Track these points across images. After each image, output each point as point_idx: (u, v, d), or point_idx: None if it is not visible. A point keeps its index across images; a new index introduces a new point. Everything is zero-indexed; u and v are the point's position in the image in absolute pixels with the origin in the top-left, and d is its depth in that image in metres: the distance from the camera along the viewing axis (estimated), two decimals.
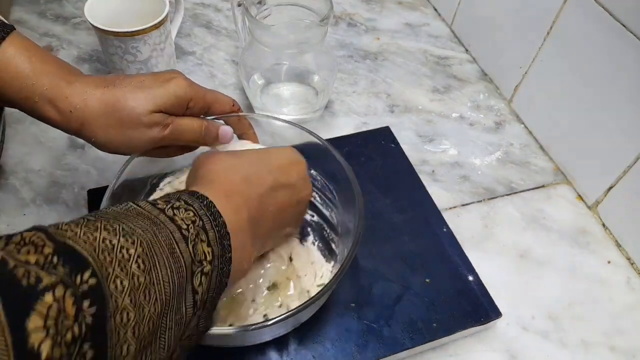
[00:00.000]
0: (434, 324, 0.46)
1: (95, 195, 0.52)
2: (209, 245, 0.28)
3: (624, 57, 0.50)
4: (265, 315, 0.42)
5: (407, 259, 0.50)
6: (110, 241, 0.24)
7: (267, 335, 0.41)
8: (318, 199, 0.50)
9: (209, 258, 0.28)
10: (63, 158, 0.58)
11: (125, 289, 0.23)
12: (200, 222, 0.29)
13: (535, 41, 0.61)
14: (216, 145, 0.44)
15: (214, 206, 0.31)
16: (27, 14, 0.74)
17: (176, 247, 0.27)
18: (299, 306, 0.36)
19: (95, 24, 0.57)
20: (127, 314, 0.23)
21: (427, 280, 0.49)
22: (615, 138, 0.53)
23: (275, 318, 0.35)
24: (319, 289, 0.38)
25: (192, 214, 0.29)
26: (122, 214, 0.27)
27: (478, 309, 0.47)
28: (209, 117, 0.43)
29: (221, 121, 0.44)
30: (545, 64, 0.61)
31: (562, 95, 0.59)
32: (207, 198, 0.31)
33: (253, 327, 0.35)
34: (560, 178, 0.61)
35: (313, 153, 0.46)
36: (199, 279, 0.28)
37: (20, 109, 0.37)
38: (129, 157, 0.43)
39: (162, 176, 0.49)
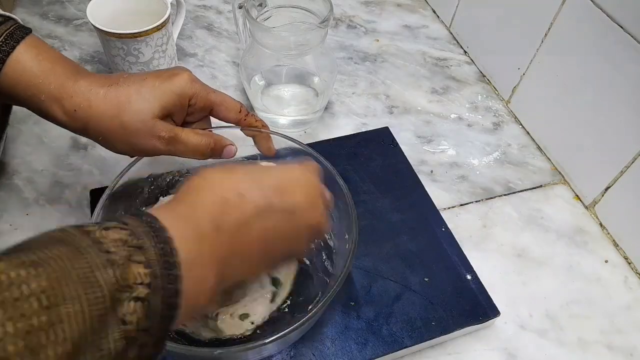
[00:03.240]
0: (433, 323, 0.46)
1: (97, 196, 0.52)
2: (146, 266, 0.25)
3: (621, 58, 0.51)
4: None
5: (406, 258, 0.51)
6: (9, 275, 0.21)
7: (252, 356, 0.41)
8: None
9: (145, 280, 0.25)
10: (66, 158, 0.58)
11: (19, 332, 0.20)
12: (135, 241, 0.25)
13: (533, 43, 0.62)
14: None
15: (157, 221, 0.27)
16: (30, 16, 0.74)
17: (96, 274, 0.23)
18: (287, 330, 0.35)
19: (97, 26, 0.57)
20: None
21: (426, 279, 0.49)
22: (612, 138, 0.54)
23: (257, 342, 0.35)
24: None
25: (126, 233, 0.26)
26: (42, 242, 0.24)
27: (476, 307, 0.47)
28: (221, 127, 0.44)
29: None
30: (543, 66, 0.62)
31: (559, 96, 0.60)
32: (150, 214, 0.27)
33: (219, 351, 0.34)
34: (558, 178, 0.62)
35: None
36: (129, 306, 0.24)
37: (27, 108, 0.38)
38: (133, 158, 0.43)
39: (164, 175, 0.50)
